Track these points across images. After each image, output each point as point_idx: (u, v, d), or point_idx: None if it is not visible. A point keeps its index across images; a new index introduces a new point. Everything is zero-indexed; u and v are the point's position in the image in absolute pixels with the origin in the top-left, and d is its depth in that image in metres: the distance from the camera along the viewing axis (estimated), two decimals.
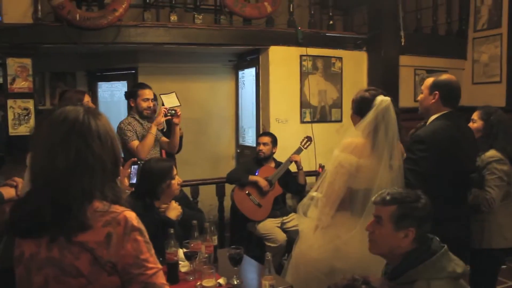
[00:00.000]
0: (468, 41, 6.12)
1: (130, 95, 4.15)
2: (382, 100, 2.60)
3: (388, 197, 1.96)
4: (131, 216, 1.37)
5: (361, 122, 2.62)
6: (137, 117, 4.06)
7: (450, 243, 1.98)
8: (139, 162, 2.25)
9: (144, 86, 4.13)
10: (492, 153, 3.14)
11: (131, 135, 3.91)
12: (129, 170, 2.22)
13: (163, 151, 4.21)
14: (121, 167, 2.24)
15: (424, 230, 1.94)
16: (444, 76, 2.86)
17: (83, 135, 1.36)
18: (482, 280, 3.16)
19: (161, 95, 4.22)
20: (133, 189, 2.24)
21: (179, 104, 4.19)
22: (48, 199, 1.32)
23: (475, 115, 3.31)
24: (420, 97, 2.92)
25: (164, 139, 4.15)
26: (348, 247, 2.47)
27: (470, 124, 3.30)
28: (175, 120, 3.93)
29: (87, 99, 3.83)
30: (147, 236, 1.39)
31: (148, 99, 4.05)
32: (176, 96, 4.23)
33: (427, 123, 2.86)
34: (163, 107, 3.95)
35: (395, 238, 1.93)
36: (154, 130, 3.85)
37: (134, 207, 1.49)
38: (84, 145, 1.35)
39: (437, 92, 2.77)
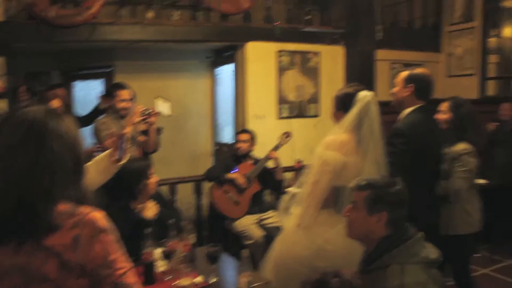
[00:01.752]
0: (443, 34, 6.20)
1: (108, 95, 4.11)
2: (366, 95, 2.60)
3: (363, 183, 2.02)
4: (99, 216, 1.36)
5: (345, 118, 2.61)
6: (114, 116, 4.02)
7: (427, 231, 2.02)
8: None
9: (122, 86, 4.08)
10: (464, 146, 3.19)
11: (105, 134, 3.87)
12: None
13: (139, 150, 4.18)
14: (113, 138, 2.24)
15: (397, 216, 1.97)
16: (419, 70, 2.94)
17: (42, 134, 1.34)
18: (454, 268, 3.26)
19: (158, 98, 4.19)
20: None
21: (168, 114, 4.19)
22: (13, 200, 1.29)
23: (443, 106, 3.32)
24: (394, 90, 2.97)
25: (141, 138, 4.13)
26: (331, 246, 2.47)
27: (438, 115, 3.33)
28: (151, 119, 3.91)
29: (56, 104, 3.78)
30: (115, 236, 1.38)
31: (125, 100, 4.02)
32: (170, 107, 4.24)
33: (402, 116, 2.91)
34: (138, 106, 3.92)
35: (368, 222, 1.97)
36: (128, 130, 3.80)
37: (107, 207, 1.47)
38: (43, 145, 1.33)
39: (412, 84, 2.84)
